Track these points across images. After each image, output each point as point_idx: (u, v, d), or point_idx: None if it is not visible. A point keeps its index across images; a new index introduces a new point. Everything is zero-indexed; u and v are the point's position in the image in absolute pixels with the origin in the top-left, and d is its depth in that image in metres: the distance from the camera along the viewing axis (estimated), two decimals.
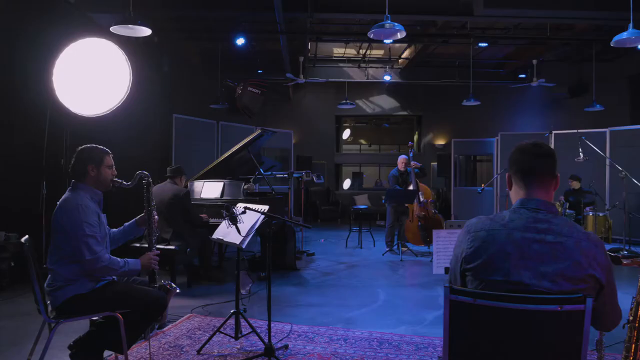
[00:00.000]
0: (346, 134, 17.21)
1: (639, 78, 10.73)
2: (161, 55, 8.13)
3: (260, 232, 5.66)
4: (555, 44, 9.72)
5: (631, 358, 2.06)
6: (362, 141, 18.57)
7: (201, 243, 5.25)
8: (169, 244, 4.85)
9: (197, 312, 4.20)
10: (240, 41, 8.41)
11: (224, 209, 3.17)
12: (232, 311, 3.37)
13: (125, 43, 5.56)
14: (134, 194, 3.33)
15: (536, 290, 1.56)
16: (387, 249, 7.40)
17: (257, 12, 7.51)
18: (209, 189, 5.68)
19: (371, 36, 5.01)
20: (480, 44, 9.37)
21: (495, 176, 9.14)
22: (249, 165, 6.18)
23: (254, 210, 3.11)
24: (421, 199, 7.28)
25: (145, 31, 5.08)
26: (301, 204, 8.59)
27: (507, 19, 7.98)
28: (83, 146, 2.80)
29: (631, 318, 2.11)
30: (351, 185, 15.85)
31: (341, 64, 12.19)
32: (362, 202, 12.06)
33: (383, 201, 7.39)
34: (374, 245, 8.03)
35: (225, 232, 3.31)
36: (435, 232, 2.86)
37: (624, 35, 5.14)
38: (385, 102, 13.57)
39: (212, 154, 8.57)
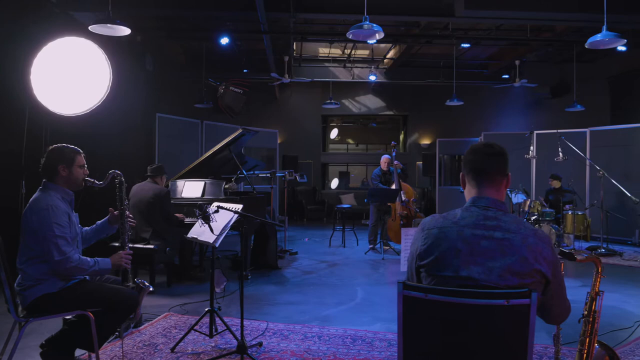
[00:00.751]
0: (334, 133, 17.27)
1: (619, 79, 10.91)
2: (144, 55, 8.10)
3: (241, 231, 5.71)
4: (537, 45, 9.85)
5: (585, 351, 2.13)
6: (350, 141, 18.63)
7: (181, 242, 5.25)
8: (148, 243, 4.86)
9: (175, 311, 4.22)
10: (224, 40, 8.42)
11: (196, 208, 3.19)
12: (206, 309, 3.40)
13: (107, 42, 5.55)
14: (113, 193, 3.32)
15: (485, 285, 1.62)
16: (370, 248, 7.46)
17: (241, 11, 7.51)
18: (190, 189, 5.69)
19: (350, 37, 5.05)
20: (463, 45, 9.47)
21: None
22: (231, 165, 6.20)
23: (227, 209, 3.13)
24: (403, 198, 7.35)
25: (125, 30, 5.07)
26: (285, 203, 8.58)
27: (487, 20, 8.08)
28: (53, 146, 2.81)
29: (586, 313, 2.18)
30: (339, 185, 15.90)
31: (327, 64, 12.23)
32: (348, 202, 12.12)
33: (366, 200, 7.45)
34: (358, 244, 8.09)
35: (199, 231, 3.33)
36: (403, 231, 2.91)
37: (598, 37, 5.24)
38: (371, 102, 13.64)
39: (196, 153, 8.56)
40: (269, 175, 7.00)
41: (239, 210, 3.17)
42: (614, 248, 7.57)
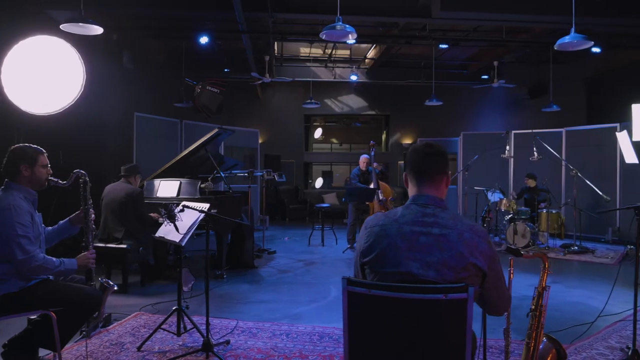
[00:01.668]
0: (318, 133, 17.32)
1: (594, 80, 11.12)
2: (122, 53, 8.06)
3: (216, 230, 5.72)
4: (514, 47, 10.00)
5: (532, 344, 2.20)
6: (334, 140, 18.70)
7: (155, 242, 5.24)
8: (120, 243, 4.85)
9: (147, 310, 4.22)
10: (203, 40, 8.42)
11: (162, 207, 3.21)
12: (174, 308, 3.41)
13: (82, 41, 5.52)
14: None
15: (423, 279, 1.67)
16: (348, 246, 7.52)
17: (219, 11, 7.51)
18: (165, 188, 5.68)
19: (324, 37, 5.10)
20: (441, 46, 9.58)
21: (454, 175, 9.35)
22: (209, 165, 6.20)
23: (193, 208, 3.15)
24: (381, 197, 7.42)
25: (97, 29, 5.05)
26: (263, 202, 8.60)
27: (463, 21, 8.18)
28: (15, 145, 2.80)
29: (533, 307, 2.25)
30: (323, 184, 15.95)
31: (308, 64, 12.27)
32: (330, 201, 12.18)
33: (344, 200, 7.51)
34: (337, 243, 8.14)
35: (166, 230, 3.34)
36: None
37: (567, 39, 5.35)
38: (353, 102, 13.72)
39: (175, 153, 8.49)
40: (246, 174, 7.00)
41: (205, 209, 3.19)
42: (587, 245, 7.73)
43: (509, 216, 7.95)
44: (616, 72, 10.20)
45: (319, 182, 15.74)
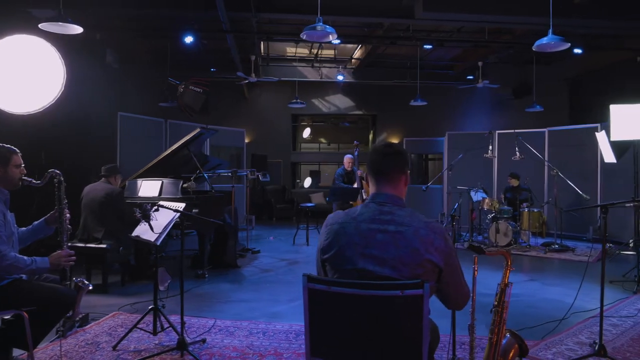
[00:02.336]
0: (306, 132, 17.33)
1: (576, 80, 11.28)
2: (105, 53, 8.02)
3: (198, 230, 5.74)
4: (498, 47, 10.11)
5: (495, 339, 2.24)
6: (322, 140, 18.72)
7: (136, 242, 5.23)
8: (100, 243, 4.84)
9: (126, 310, 4.22)
10: (188, 39, 8.41)
11: (136, 207, 3.22)
12: (150, 307, 3.42)
13: (64, 40, 5.49)
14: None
15: (379, 276, 1.71)
16: None
17: (203, 10, 7.51)
18: (147, 188, 5.68)
19: (304, 37, 5.12)
20: (425, 46, 9.65)
21: (438, 174, 9.44)
22: (192, 164, 6.20)
23: (168, 208, 3.17)
24: (364, 197, 7.47)
25: (76, 29, 5.03)
26: (246, 201, 8.61)
27: (446, 22, 8.27)
28: None
29: (496, 303, 2.29)
30: (311, 184, 15.98)
31: (295, 64, 12.29)
32: (317, 200, 12.20)
33: (328, 199, 7.55)
34: None
35: (142, 230, 3.36)
36: None
37: (544, 40, 5.44)
38: (340, 102, 13.76)
39: (160, 153, 8.46)
40: (229, 174, 7.01)
41: (180, 209, 3.21)
42: (567, 244, 7.84)
43: (492, 215, 8.04)
44: (596, 73, 10.36)
45: (307, 182, 15.77)
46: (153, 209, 3.17)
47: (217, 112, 11.96)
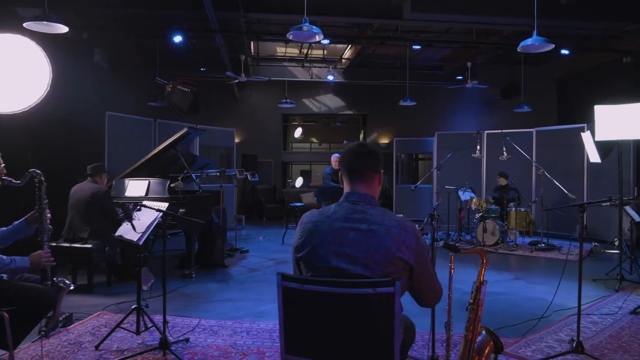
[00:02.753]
0: (298, 132, 17.35)
1: (564, 81, 11.39)
2: (93, 52, 7.98)
3: (185, 230, 5.74)
4: (486, 48, 10.19)
5: (470, 336, 2.27)
6: (314, 140, 18.76)
7: (122, 242, 5.22)
8: (85, 243, 4.83)
9: (111, 310, 4.22)
10: (177, 39, 8.39)
11: (119, 207, 3.22)
12: (133, 307, 3.43)
13: (50, 39, 5.46)
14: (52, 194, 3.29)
15: (352, 274, 1.74)
16: None
17: (191, 10, 7.50)
18: (134, 188, 5.67)
19: (290, 37, 5.14)
20: (414, 46, 9.71)
21: (427, 174, 9.49)
22: (179, 164, 6.20)
23: (150, 207, 3.17)
24: None
25: (62, 28, 5.01)
26: (236, 201, 8.60)
27: (434, 22, 8.32)
28: None
29: (472, 301, 2.32)
30: (303, 183, 16.00)
31: (285, 63, 12.30)
32: (308, 200, 12.23)
33: (316, 199, 7.57)
34: None
35: (125, 229, 3.36)
36: None
37: (529, 41, 5.49)
38: (331, 102, 13.79)
39: (149, 152, 8.46)
40: (217, 174, 7.01)
41: (163, 208, 3.21)
42: (554, 243, 7.92)
43: (480, 214, 8.11)
44: (584, 74, 10.47)
45: (299, 182, 15.78)
46: (135, 209, 3.17)
47: (207, 112, 11.96)
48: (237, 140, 12.33)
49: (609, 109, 6.73)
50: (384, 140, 13.68)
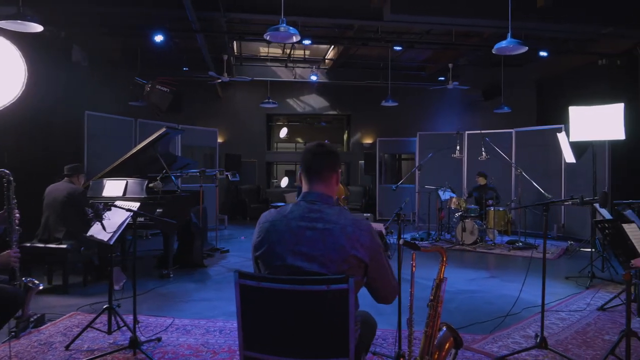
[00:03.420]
0: (283, 132, 17.35)
1: (544, 82, 11.57)
2: (71, 52, 7.91)
3: (162, 230, 5.73)
4: (467, 50, 10.32)
5: (430, 332, 2.33)
6: (299, 140, 18.76)
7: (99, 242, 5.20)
8: (60, 243, 4.80)
9: (85, 310, 4.20)
10: (158, 38, 8.36)
11: (88, 207, 3.22)
12: (104, 307, 3.43)
13: (27, 38, 5.42)
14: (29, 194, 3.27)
15: (308, 272, 1.78)
16: None
17: (172, 9, 7.47)
18: (111, 188, 5.64)
19: (267, 38, 5.17)
20: (395, 47, 9.79)
21: (408, 174, 9.58)
22: (159, 164, 6.18)
23: (120, 207, 3.18)
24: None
25: (36, 27, 4.97)
26: (217, 201, 8.60)
27: (413, 24, 8.41)
28: None
29: (432, 297, 2.38)
30: (289, 183, 16.00)
31: (269, 63, 12.31)
32: (292, 200, 12.22)
33: (297, 198, 7.59)
34: None
35: (97, 229, 3.36)
36: None
37: (503, 43, 5.60)
38: (315, 102, 13.83)
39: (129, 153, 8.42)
40: (197, 174, 7.00)
41: (134, 208, 3.22)
42: (531, 242, 8.05)
43: (458, 214, 8.22)
44: (561, 76, 10.66)
45: (284, 182, 15.78)
46: (105, 209, 3.18)
47: (191, 112, 11.91)
48: (220, 140, 12.31)
49: (583, 110, 6.89)
50: (368, 141, 13.76)
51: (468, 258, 7.16)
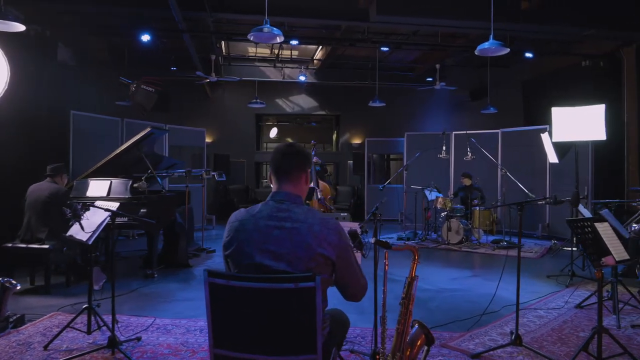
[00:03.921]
0: (273, 132, 17.36)
1: (530, 83, 11.68)
2: (57, 51, 7.86)
3: (146, 230, 5.72)
4: (453, 51, 10.40)
5: (401, 329, 2.37)
6: (288, 140, 18.76)
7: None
8: (43, 244, 4.78)
9: (66, 310, 4.20)
10: (145, 38, 8.34)
11: (66, 207, 3.22)
12: (84, 306, 3.43)
13: (10, 37, 5.39)
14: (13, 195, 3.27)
15: (276, 270, 1.81)
16: None
17: (158, 9, 7.45)
18: (95, 188, 5.63)
19: (251, 38, 5.19)
20: (383, 48, 9.84)
21: (395, 174, 9.64)
22: (144, 164, 6.17)
23: (98, 207, 3.18)
24: (319, 196, 7.57)
25: (18, 27, 4.94)
26: (204, 201, 8.60)
27: (399, 25, 8.47)
28: None
29: (404, 295, 2.42)
30: None
31: (257, 63, 12.31)
32: None
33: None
34: None
35: (76, 229, 3.36)
36: None
37: (486, 45, 5.67)
38: (304, 102, 13.86)
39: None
40: (183, 174, 7.00)
41: (113, 208, 3.22)
42: (514, 241, 8.14)
43: (444, 213, 8.28)
44: (546, 77, 10.77)
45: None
46: (84, 209, 3.18)
47: (179, 112, 11.90)
48: (209, 140, 12.30)
49: (565, 111, 6.99)
50: (357, 141, 13.81)
51: (453, 257, 7.22)
